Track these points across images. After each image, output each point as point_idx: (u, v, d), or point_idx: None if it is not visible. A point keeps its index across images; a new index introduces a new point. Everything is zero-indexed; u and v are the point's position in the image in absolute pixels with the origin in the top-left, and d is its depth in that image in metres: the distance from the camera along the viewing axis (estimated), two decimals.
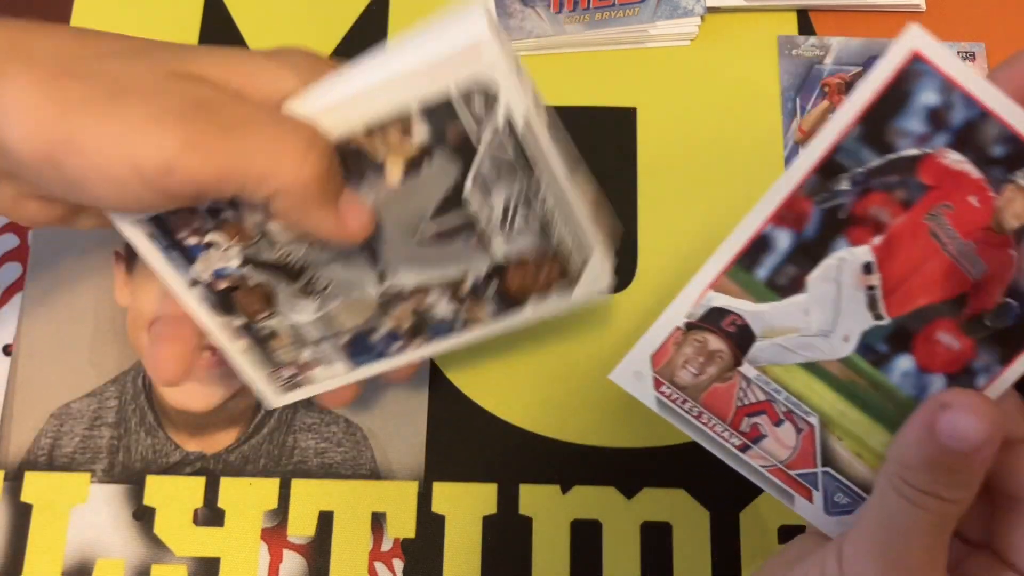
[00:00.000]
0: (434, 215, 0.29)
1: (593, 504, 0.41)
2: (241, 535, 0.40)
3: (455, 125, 0.27)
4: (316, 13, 0.50)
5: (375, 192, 0.29)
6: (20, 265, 0.45)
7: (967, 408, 0.25)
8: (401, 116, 0.27)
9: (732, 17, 0.50)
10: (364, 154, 0.28)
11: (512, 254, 0.30)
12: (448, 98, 0.26)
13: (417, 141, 0.27)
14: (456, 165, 0.28)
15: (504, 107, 0.27)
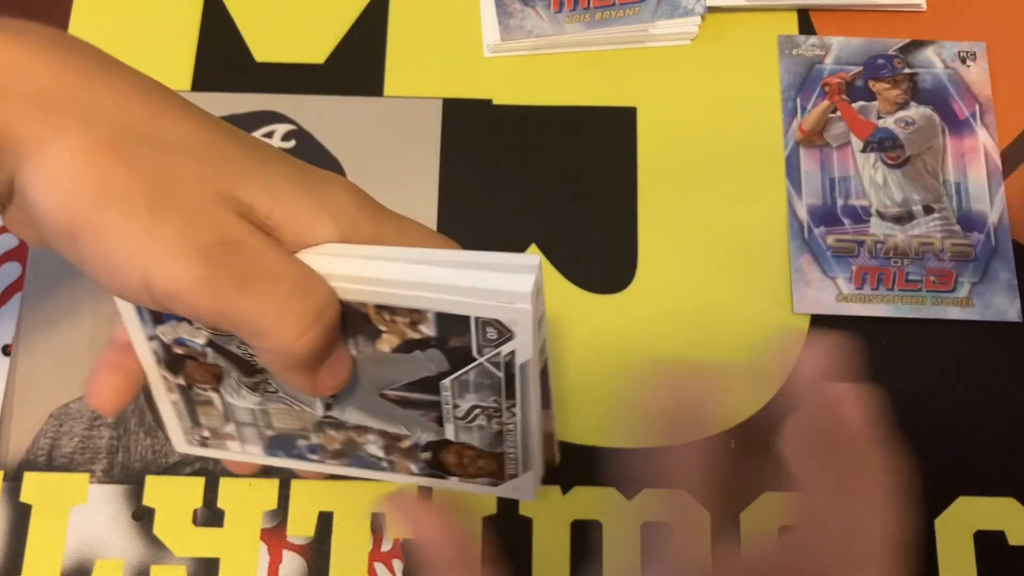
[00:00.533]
0: (405, 386, 0.29)
1: (593, 504, 0.41)
2: (240, 535, 0.40)
3: (462, 338, 0.27)
4: (316, 13, 0.50)
5: (359, 349, 0.29)
6: (20, 265, 0.45)
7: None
8: (417, 311, 0.27)
9: (732, 17, 0.49)
10: (368, 320, 0.28)
11: (460, 439, 0.31)
12: (467, 319, 0.27)
13: (422, 334, 0.27)
14: (446, 362, 0.28)
15: (511, 349, 0.27)
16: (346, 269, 0.27)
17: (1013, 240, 0.46)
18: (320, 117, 0.47)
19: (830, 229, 0.46)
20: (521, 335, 0.27)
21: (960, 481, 0.42)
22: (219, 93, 0.48)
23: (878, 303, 0.44)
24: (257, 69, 0.48)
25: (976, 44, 0.49)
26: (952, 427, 0.43)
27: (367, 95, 0.48)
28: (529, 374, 0.28)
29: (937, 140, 0.47)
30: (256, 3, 0.50)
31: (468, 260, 0.27)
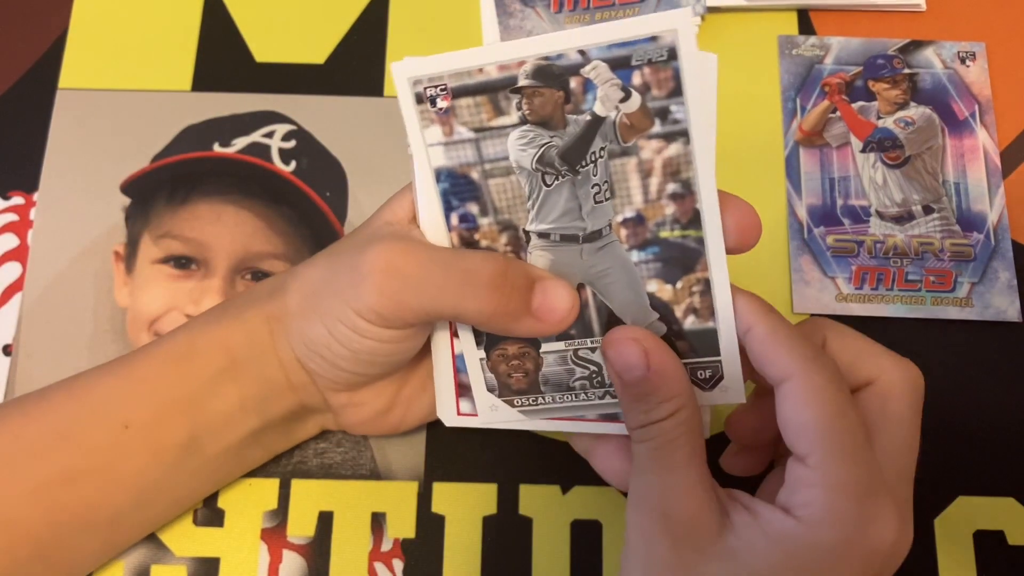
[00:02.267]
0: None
1: (593, 504, 0.41)
2: (241, 535, 0.40)
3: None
4: (316, 13, 0.50)
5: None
6: (20, 265, 0.45)
7: (613, 344, 0.31)
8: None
9: (732, 17, 0.50)
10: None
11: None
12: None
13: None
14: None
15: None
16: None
17: (1013, 240, 0.46)
18: (320, 117, 0.47)
19: (830, 229, 0.46)
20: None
21: (960, 481, 0.42)
22: (219, 93, 0.48)
23: (877, 303, 0.44)
24: (257, 69, 0.48)
25: (976, 44, 0.49)
26: (952, 427, 0.43)
27: (367, 95, 0.48)
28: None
29: (937, 140, 0.47)
30: (256, 3, 0.50)
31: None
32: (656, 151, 0.31)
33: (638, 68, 0.30)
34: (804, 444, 0.28)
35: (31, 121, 0.47)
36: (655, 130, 0.30)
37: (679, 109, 0.30)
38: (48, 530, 0.34)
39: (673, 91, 0.30)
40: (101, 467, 0.34)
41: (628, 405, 0.31)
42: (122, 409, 0.35)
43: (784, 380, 0.29)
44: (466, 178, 0.32)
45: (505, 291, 0.31)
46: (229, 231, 0.45)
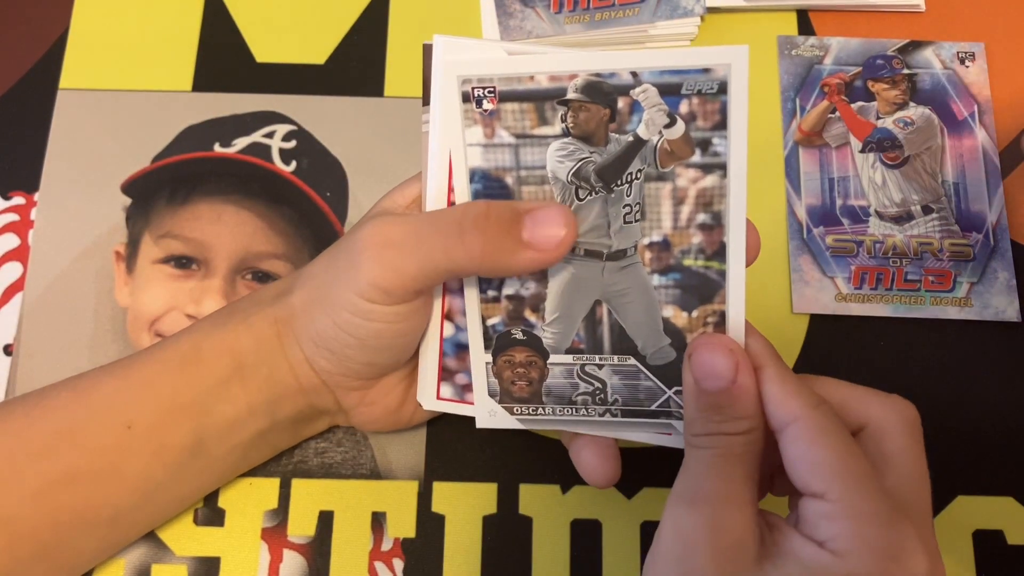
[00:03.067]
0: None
1: (593, 504, 0.41)
2: (241, 535, 0.40)
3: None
4: (317, 14, 0.50)
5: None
6: (20, 265, 0.45)
7: (706, 347, 0.30)
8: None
9: (732, 17, 0.50)
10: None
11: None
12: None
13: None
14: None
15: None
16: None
17: (1012, 240, 0.46)
18: (320, 117, 0.47)
19: (829, 229, 0.46)
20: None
21: (959, 480, 0.42)
22: (220, 93, 0.48)
23: (877, 303, 0.45)
24: (258, 69, 0.48)
25: (975, 45, 0.49)
26: (951, 426, 0.43)
27: (367, 95, 0.48)
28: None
29: (936, 140, 0.47)
30: (257, 4, 0.50)
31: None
32: (692, 180, 0.31)
33: (687, 97, 0.30)
34: (820, 481, 0.28)
35: (32, 121, 0.47)
36: (694, 160, 0.30)
37: (721, 143, 0.30)
38: (50, 529, 0.34)
39: (718, 124, 0.30)
40: (104, 468, 0.34)
41: (698, 413, 0.30)
42: (125, 411, 0.35)
43: (791, 422, 0.29)
44: (500, 182, 0.32)
45: (491, 229, 0.31)
46: (230, 231, 0.45)
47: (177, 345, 0.36)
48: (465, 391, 0.37)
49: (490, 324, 0.34)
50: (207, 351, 0.36)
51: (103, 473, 0.34)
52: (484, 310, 0.34)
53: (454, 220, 0.32)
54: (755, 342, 0.31)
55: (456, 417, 0.42)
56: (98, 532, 0.36)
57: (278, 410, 0.37)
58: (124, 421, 0.35)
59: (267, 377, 0.36)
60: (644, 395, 0.34)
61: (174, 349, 0.36)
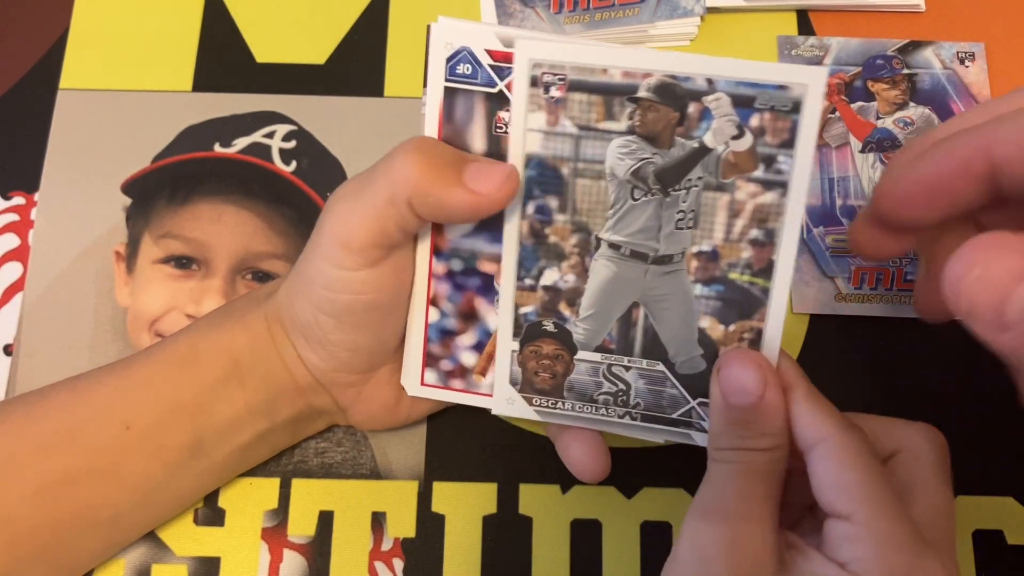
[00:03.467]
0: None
1: (593, 504, 0.41)
2: (241, 535, 0.40)
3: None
4: (316, 13, 0.50)
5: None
6: (20, 265, 0.45)
7: (737, 362, 0.30)
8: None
9: (732, 17, 0.50)
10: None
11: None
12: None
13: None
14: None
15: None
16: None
17: None
18: (321, 117, 0.47)
19: (829, 229, 0.46)
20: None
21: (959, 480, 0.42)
22: (220, 93, 0.48)
23: (877, 303, 0.45)
24: (258, 70, 0.48)
25: (975, 45, 0.49)
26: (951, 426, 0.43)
27: (367, 95, 0.48)
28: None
29: None
30: (257, 4, 0.50)
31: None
32: (751, 195, 0.31)
33: (759, 111, 0.30)
34: (847, 503, 0.28)
35: (32, 121, 0.47)
36: (756, 174, 0.30)
37: (786, 161, 0.30)
38: (49, 529, 0.34)
39: (785, 142, 0.30)
40: (103, 468, 0.34)
41: (723, 427, 0.30)
42: (124, 411, 0.35)
43: (819, 442, 0.29)
44: (555, 171, 0.32)
45: (432, 154, 0.31)
46: (230, 231, 0.45)
47: (175, 345, 0.36)
48: (450, 378, 0.37)
49: (522, 312, 0.34)
50: (204, 351, 0.36)
51: (102, 473, 0.34)
52: (518, 297, 0.34)
53: (397, 148, 0.32)
54: (786, 363, 0.31)
55: (456, 417, 0.42)
56: (98, 532, 0.36)
57: (277, 410, 0.37)
58: (123, 421, 0.35)
59: (264, 376, 0.36)
60: (667, 402, 0.34)
61: (172, 349, 0.36)
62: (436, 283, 0.36)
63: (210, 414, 0.36)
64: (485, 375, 0.37)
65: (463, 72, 0.34)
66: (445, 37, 0.33)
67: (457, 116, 0.35)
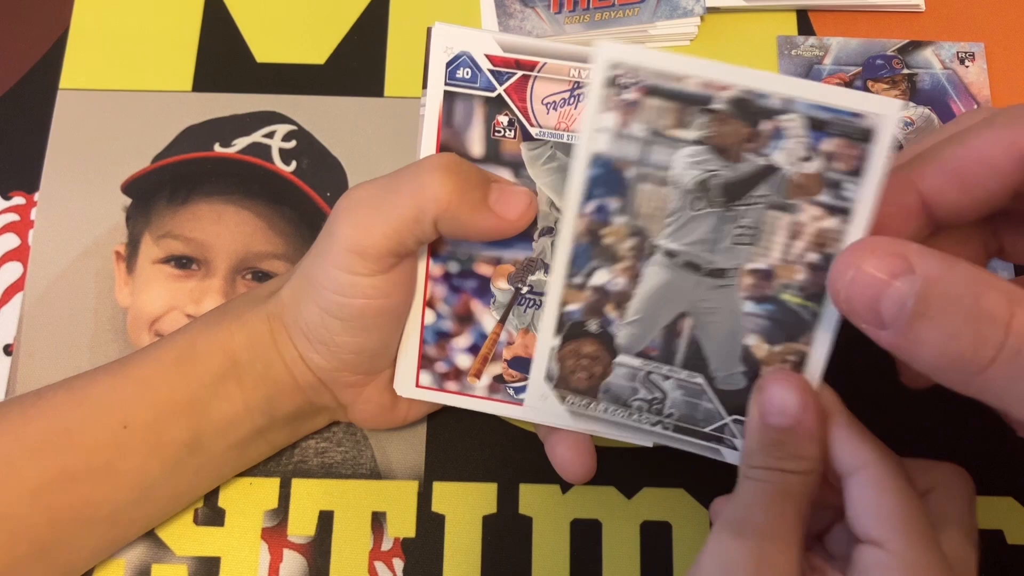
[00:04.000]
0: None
1: (593, 504, 0.41)
2: (241, 535, 0.40)
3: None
4: (317, 14, 0.50)
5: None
6: (20, 265, 0.45)
7: (779, 383, 0.30)
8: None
9: (732, 17, 0.50)
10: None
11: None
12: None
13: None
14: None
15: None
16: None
17: None
18: (321, 117, 0.47)
19: None
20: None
21: None
22: (220, 93, 0.48)
23: None
24: (258, 69, 0.48)
25: (975, 45, 0.49)
26: (951, 426, 0.43)
27: (367, 95, 0.48)
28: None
29: None
30: (257, 3, 0.50)
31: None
32: (813, 217, 0.31)
33: (832, 136, 0.30)
34: (882, 530, 0.28)
35: (32, 121, 0.47)
36: (821, 198, 0.30)
37: (852, 189, 0.30)
38: (48, 528, 0.34)
39: (854, 170, 0.30)
40: (101, 466, 0.34)
41: (759, 445, 0.30)
42: (121, 409, 0.35)
43: (859, 468, 0.29)
44: (619, 174, 0.32)
45: (460, 175, 0.32)
46: (230, 231, 0.45)
47: (173, 344, 0.36)
48: (444, 380, 0.37)
49: (566, 311, 0.34)
50: (202, 349, 0.36)
51: (100, 471, 0.34)
52: (565, 295, 0.33)
53: (423, 164, 0.32)
54: (826, 391, 0.31)
55: (456, 417, 0.42)
56: (96, 530, 0.36)
57: (276, 408, 0.37)
58: (120, 419, 0.35)
59: (263, 375, 0.36)
60: (702, 416, 0.34)
61: (169, 348, 0.36)
62: (433, 285, 0.36)
63: (208, 412, 0.36)
64: (480, 377, 0.37)
65: (463, 76, 0.34)
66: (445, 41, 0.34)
67: (456, 119, 0.35)
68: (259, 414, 0.37)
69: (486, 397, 0.37)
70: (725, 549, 0.29)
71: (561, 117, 0.35)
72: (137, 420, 0.35)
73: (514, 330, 0.36)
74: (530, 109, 0.35)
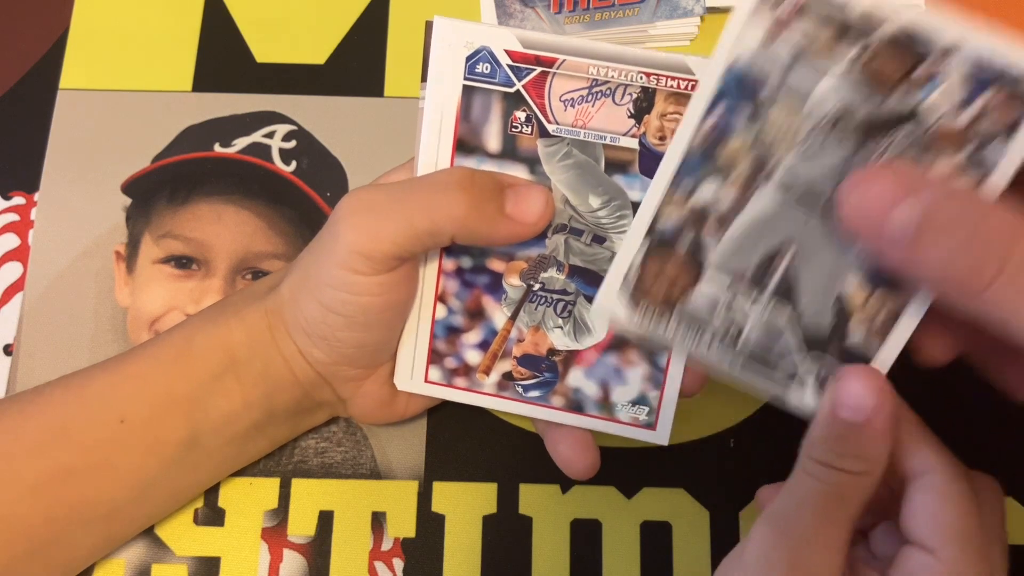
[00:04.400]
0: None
1: (593, 504, 0.41)
2: (241, 535, 0.40)
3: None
4: (317, 14, 0.50)
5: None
6: (20, 265, 0.45)
7: (858, 377, 0.28)
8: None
9: None
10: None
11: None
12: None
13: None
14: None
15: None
16: None
17: None
18: (321, 117, 0.47)
19: None
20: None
21: None
22: (220, 93, 0.48)
23: None
24: (258, 69, 0.48)
25: None
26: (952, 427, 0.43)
27: (367, 95, 0.48)
28: None
29: None
30: (257, 3, 0.50)
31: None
32: (947, 173, 0.29)
33: (991, 91, 0.29)
34: (937, 538, 0.28)
35: (32, 121, 0.47)
36: (960, 155, 0.29)
37: (995, 150, 0.29)
38: (46, 526, 0.34)
39: (1005, 129, 0.28)
40: (98, 463, 0.34)
41: (823, 436, 0.29)
42: (118, 405, 0.35)
43: (924, 473, 0.29)
44: (752, 90, 0.30)
45: (475, 191, 0.32)
46: (230, 231, 0.45)
47: (170, 340, 0.36)
48: (453, 376, 0.37)
49: (660, 224, 0.32)
50: (200, 345, 0.36)
51: (98, 468, 0.34)
52: (664, 206, 0.32)
53: (436, 181, 0.32)
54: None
55: (456, 416, 0.42)
56: (94, 528, 0.36)
57: (275, 403, 0.37)
58: (117, 416, 0.35)
59: (261, 371, 0.36)
60: (777, 353, 0.32)
61: (167, 344, 0.36)
62: (445, 279, 0.36)
63: (206, 409, 0.36)
64: (489, 374, 0.37)
65: (482, 71, 0.34)
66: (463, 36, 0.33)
67: (474, 115, 0.35)
68: (258, 410, 0.37)
69: (495, 394, 0.37)
70: (767, 544, 0.29)
71: (579, 114, 0.35)
72: (135, 416, 0.35)
73: (525, 327, 0.36)
74: (548, 106, 0.35)
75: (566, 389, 0.36)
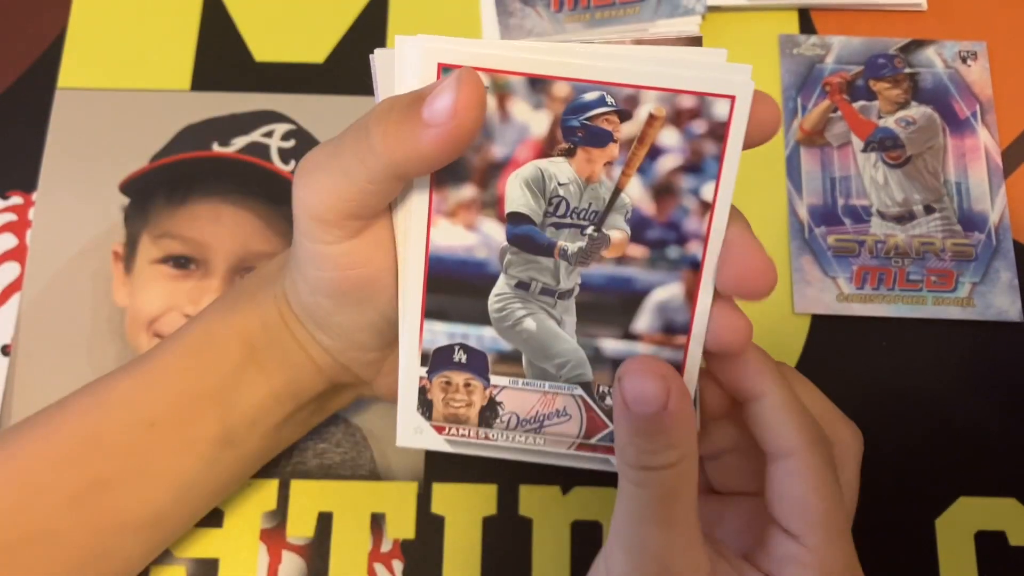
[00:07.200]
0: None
1: (593, 505, 0.41)
2: (240, 536, 0.40)
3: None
4: (316, 13, 0.49)
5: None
6: (19, 265, 0.45)
7: (638, 372, 0.28)
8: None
9: (733, 16, 0.49)
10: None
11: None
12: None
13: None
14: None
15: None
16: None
17: (1014, 240, 0.45)
18: (320, 117, 0.47)
19: (831, 229, 0.46)
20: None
21: (961, 481, 0.42)
22: (219, 93, 0.47)
23: (879, 303, 0.44)
24: (257, 69, 0.48)
25: (977, 44, 0.49)
26: (953, 427, 0.43)
27: (367, 95, 0.48)
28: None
29: (938, 140, 0.47)
30: (256, 3, 0.50)
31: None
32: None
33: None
34: (802, 525, 0.28)
35: (30, 121, 0.47)
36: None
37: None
38: (92, 537, 0.33)
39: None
40: (133, 469, 0.34)
41: (628, 439, 0.28)
42: (145, 408, 0.34)
43: (788, 455, 0.29)
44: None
45: (392, 119, 0.29)
46: (228, 231, 0.45)
47: (190, 334, 0.36)
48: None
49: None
50: (219, 336, 0.35)
51: (134, 474, 0.34)
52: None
53: (360, 122, 0.30)
54: (757, 362, 0.30)
55: None
56: (142, 535, 0.35)
57: (300, 391, 0.36)
58: (147, 419, 0.34)
59: (282, 360, 0.35)
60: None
61: (186, 338, 0.35)
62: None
63: (234, 403, 0.35)
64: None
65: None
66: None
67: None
68: (286, 399, 0.36)
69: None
70: (628, 569, 0.28)
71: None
72: (162, 417, 0.34)
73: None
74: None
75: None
